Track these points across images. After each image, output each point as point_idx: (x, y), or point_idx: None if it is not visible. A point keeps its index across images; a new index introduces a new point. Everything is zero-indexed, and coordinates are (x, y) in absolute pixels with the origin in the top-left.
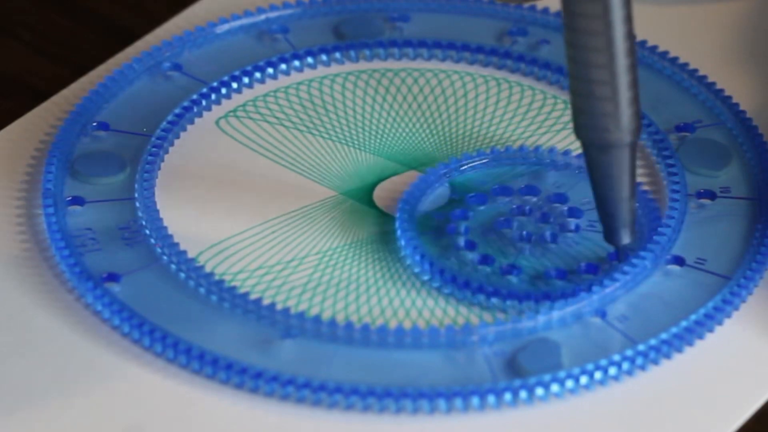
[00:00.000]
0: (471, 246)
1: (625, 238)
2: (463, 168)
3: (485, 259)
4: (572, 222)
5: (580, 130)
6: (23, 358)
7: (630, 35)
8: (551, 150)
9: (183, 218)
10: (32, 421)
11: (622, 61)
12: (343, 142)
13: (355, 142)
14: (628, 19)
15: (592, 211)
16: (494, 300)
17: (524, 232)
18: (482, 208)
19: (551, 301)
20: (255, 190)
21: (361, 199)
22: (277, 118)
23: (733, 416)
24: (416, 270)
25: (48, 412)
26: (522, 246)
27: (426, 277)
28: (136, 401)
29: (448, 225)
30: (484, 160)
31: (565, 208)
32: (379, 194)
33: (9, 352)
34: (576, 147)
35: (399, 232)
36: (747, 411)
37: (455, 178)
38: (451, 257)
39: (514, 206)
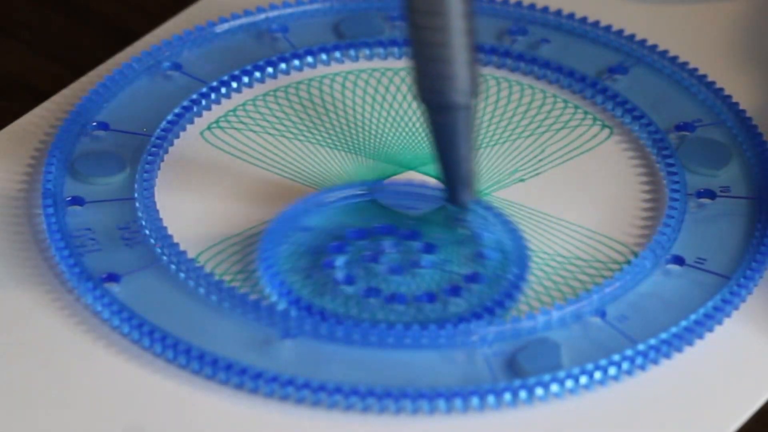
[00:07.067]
0: (350, 280)
1: (466, 196)
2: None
3: (370, 292)
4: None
5: (419, 93)
6: (23, 358)
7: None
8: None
9: (183, 218)
10: (32, 421)
11: (458, 25)
12: (344, 142)
13: (355, 142)
14: None
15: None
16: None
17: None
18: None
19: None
20: (255, 191)
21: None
22: (277, 117)
23: (733, 416)
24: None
25: (48, 412)
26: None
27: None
28: (136, 402)
29: (324, 259)
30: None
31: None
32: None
33: (9, 352)
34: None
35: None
36: (747, 411)
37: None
38: (326, 295)
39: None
